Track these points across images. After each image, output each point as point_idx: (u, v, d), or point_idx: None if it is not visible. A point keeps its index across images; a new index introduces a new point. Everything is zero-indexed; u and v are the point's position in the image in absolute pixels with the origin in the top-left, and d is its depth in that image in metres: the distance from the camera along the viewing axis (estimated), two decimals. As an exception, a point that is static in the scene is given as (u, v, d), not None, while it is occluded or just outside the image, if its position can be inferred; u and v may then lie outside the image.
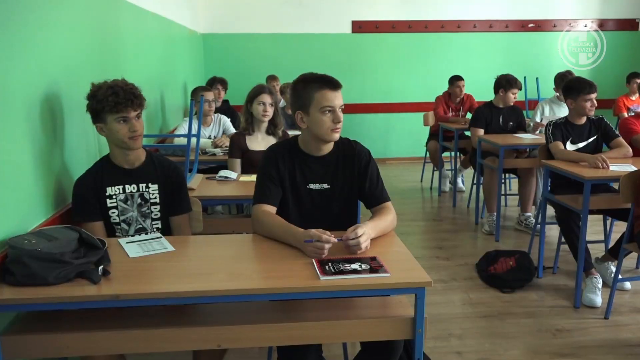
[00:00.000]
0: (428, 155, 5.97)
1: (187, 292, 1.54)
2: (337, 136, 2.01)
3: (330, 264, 1.68)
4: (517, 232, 4.42)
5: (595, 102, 3.43)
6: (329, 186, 2.08)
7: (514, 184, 5.69)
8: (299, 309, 1.81)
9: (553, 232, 4.13)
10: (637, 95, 6.03)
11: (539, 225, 3.59)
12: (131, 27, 3.44)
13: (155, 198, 2.11)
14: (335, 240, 1.76)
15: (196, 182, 2.84)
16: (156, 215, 2.12)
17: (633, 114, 4.57)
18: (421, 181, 6.27)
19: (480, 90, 6.06)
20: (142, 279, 1.64)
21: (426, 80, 7.18)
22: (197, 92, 4.09)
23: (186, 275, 1.66)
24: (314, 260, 1.70)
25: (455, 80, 5.58)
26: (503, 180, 5.24)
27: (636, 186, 2.72)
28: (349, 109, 7.34)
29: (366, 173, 2.09)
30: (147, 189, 2.10)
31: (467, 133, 5.03)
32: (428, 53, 7.27)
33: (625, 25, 7.47)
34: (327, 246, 1.74)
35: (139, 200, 2.09)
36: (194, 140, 3.15)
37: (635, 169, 2.86)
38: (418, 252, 4.08)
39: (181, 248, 1.90)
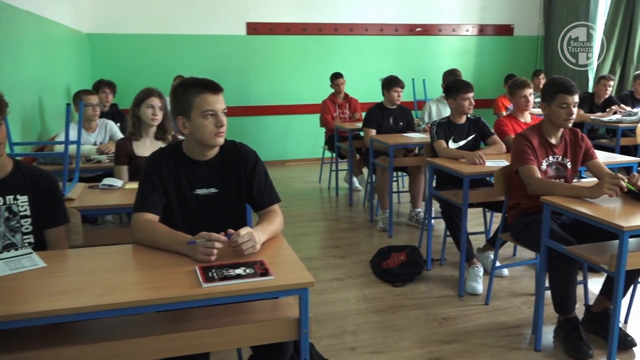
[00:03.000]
0: (334, 156, 6.06)
1: (57, 310, 1.45)
2: (221, 140, 1.99)
3: (214, 270, 1.65)
4: (409, 227, 4.62)
5: (472, 101, 3.67)
6: (216, 190, 2.05)
7: (406, 181, 5.94)
8: (187, 317, 1.77)
9: (441, 225, 4.34)
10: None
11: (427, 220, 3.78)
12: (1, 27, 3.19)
13: (25, 210, 1.97)
14: (225, 239, 1.74)
15: (76, 192, 2.68)
16: (27, 229, 1.98)
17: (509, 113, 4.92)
18: (319, 182, 6.37)
19: (373, 91, 6.24)
20: (8, 300, 1.52)
21: (322, 81, 7.28)
22: (78, 96, 3.87)
23: (58, 292, 1.56)
24: (197, 267, 1.67)
25: (334, 78, 5.88)
26: (395, 178, 5.45)
27: (508, 180, 2.93)
28: (247, 111, 7.36)
29: (254, 175, 2.08)
30: (15, 201, 1.95)
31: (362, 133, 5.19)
32: (323, 55, 7.40)
33: (502, 30, 8.06)
34: (216, 245, 1.73)
35: (6, 214, 1.93)
36: (74, 147, 2.98)
37: (508, 164, 3.09)
38: (315, 252, 4.14)
39: (55, 263, 1.78)
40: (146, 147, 3.16)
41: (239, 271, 1.65)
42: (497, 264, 3.26)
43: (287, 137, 7.51)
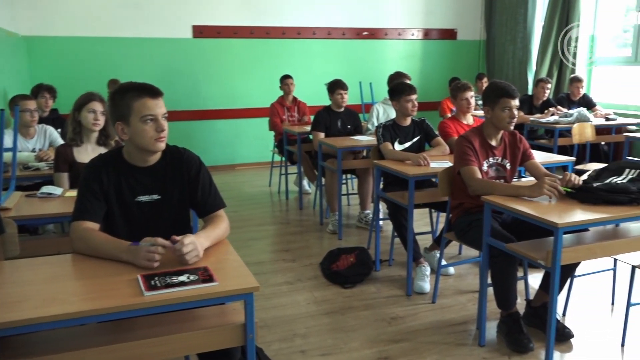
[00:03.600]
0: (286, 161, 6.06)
1: (-11, 324, 1.39)
2: (162, 145, 1.96)
3: (156, 278, 1.63)
4: (359, 229, 4.67)
5: (416, 103, 3.75)
6: (159, 197, 2.02)
7: (355, 183, 5.99)
8: (131, 327, 1.73)
9: (390, 227, 4.40)
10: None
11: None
12: None
13: (-45, 222, 1.88)
14: (169, 244, 1.72)
15: (13, 201, 2.57)
16: (-42, 241, 1.89)
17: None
18: (269, 185, 6.35)
19: (321, 95, 6.27)
20: None
21: (271, 85, 7.27)
22: (14, 101, 3.72)
23: (-9, 306, 1.50)
24: (139, 275, 1.64)
25: (284, 78, 5.91)
26: (344, 181, 5.51)
27: (451, 181, 3.01)
28: (195, 115, 7.26)
29: (197, 181, 2.06)
30: (-57, 213, 1.85)
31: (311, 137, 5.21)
32: (271, 59, 7.39)
33: (446, 34, 8.27)
34: (160, 250, 1.70)
35: None
36: (10, 154, 2.86)
37: (451, 165, 3.17)
38: (265, 256, 4.13)
39: (-12, 276, 1.71)
40: (88, 153, 3.07)
41: (183, 278, 1.62)
42: (443, 262, 3.35)
43: (236, 141, 7.45)
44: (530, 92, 6.93)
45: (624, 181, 2.47)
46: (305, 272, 3.70)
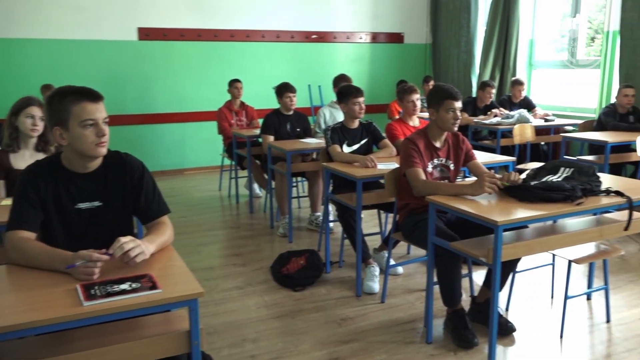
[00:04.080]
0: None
1: None
2: (103, 151, 1.91)
3: (96, 287, 1.58)
4: (310, 231, 4.68)
5: (363, 105, 3.80)
6: (100, 203, 1.97)
7: (306, 186, 6.01)
8: (72, 339, 1.68)
9: (340, 228, 4.44)
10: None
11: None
12: None
13: None
14: (107, 257, 1.68)
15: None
16: None
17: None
18: (219, 190, 6.29)
19: (271, 98, 6.27)
20: None
21: (220, 88, 7.19)
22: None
23: None
24: (78, 285, 1.59)
25: (233, 82, 5.88)
26: (295, 184, 5.53)
27: (397, 182, 3.07)
28: (142, 119, 7.10)
29: (141, 187, 2.02)
30: None
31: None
32: (219, 61, 7.31)
33: (393, 38, 8.42)
34: (98, 265, 1.66)
35: None
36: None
37: (398, 166, 3.23)
38: (215, 261, 4.08)
39: None
40: (25, 159, 2.95)
41: (124, 286, 1.59)
42: (392, 262, 3.40)
43: (185, 145, 7.33)
44: (474, 95, 7.15)
45: (559, 179, 2.58)
46: (255, 276, 3.68)
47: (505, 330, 2.80)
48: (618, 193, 2.54)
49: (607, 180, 2.84)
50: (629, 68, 5.61)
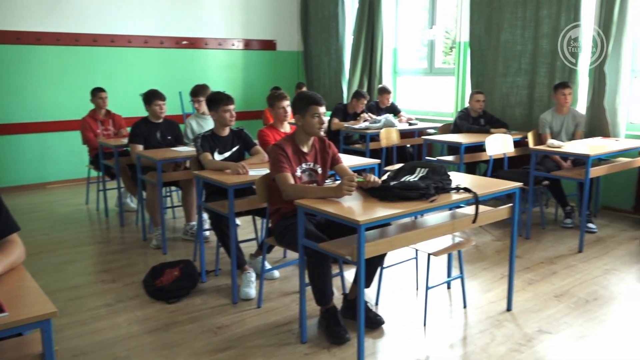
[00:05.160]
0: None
1: None
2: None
3: None
4: (185, 241, 4.58)
5: (234, 112, 3.80)
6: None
7: (180, 195, 5.86)
8: None
9: (215, 237, 4.40)
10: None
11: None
12: None
13: None
14: None
15: None
16: None
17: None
18: (87, 203, 5.93)
19: (139, 105, 6.04)
20: None
21: (83, 95, 6.77)
22: None
23: None
24: None
25: (96, 92, 5.61)
26: (168, 194, 5.38)
27: (268, 187, 3.11)
28: (-6, 130, 6.47)
29: (-15, 204, 1.86)
30: None
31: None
32: (82, 67, 6.89)
33: (266, 45, 8.50)
34: None
35: None
36: None
37: (268, 171, 3.27)
38: (82, 279, 3.84)
39: None
40: None
41: (-36, 313, 1.46)
42: (268, 266, 3.44)
43: (46, 157, 6.80)
44: (345, 101, 7.43)
45: (416, 179, 2.78)
46: (126, 292, 3.53)
47: (375, 324, 2.96)
48: (466, 190, 2.79)
49: (458, 178, 3.11)
50: (478, 76, 6.19)
